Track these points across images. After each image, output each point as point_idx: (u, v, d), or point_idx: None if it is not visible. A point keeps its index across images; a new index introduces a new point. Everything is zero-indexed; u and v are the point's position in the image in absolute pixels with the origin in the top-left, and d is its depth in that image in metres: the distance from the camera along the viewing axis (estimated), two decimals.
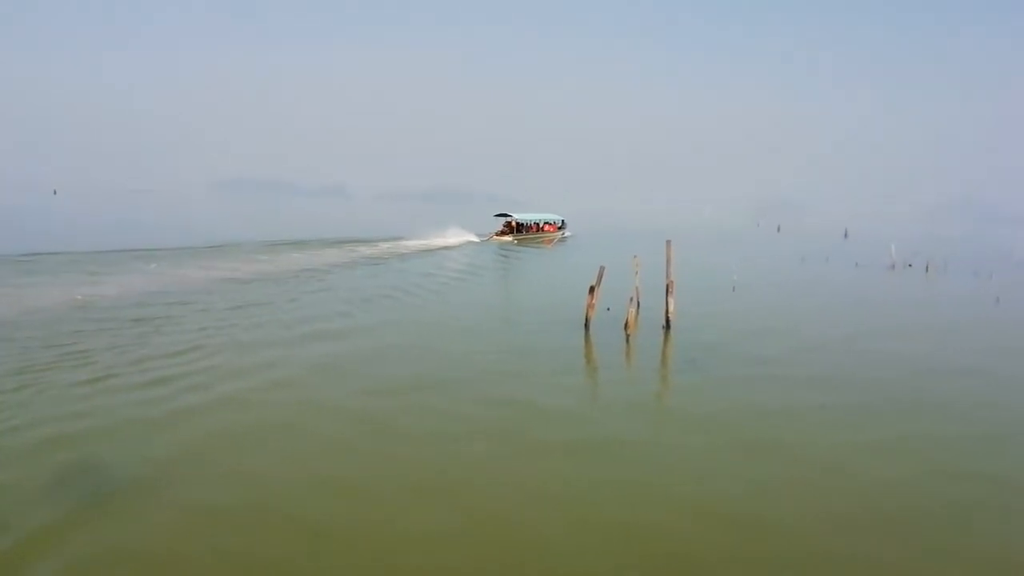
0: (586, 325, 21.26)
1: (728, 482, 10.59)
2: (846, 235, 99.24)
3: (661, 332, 21.28)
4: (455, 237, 56.76)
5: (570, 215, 78.84)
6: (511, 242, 58.78)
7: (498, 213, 66.48)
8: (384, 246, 48.20)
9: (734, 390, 15.46)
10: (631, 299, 21.35)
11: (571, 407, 14.22)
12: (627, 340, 20.17)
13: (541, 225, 66.01)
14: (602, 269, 21.69)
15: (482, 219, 70.81)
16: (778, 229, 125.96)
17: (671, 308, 21.78)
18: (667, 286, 21.87)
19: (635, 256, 22.65)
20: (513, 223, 62.65)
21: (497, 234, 60.93)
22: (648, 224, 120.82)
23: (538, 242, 60.36)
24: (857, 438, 12.62)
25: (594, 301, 21.52)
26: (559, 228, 67.86)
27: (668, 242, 22.53)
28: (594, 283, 21.62)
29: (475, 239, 57.89)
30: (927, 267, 46.18)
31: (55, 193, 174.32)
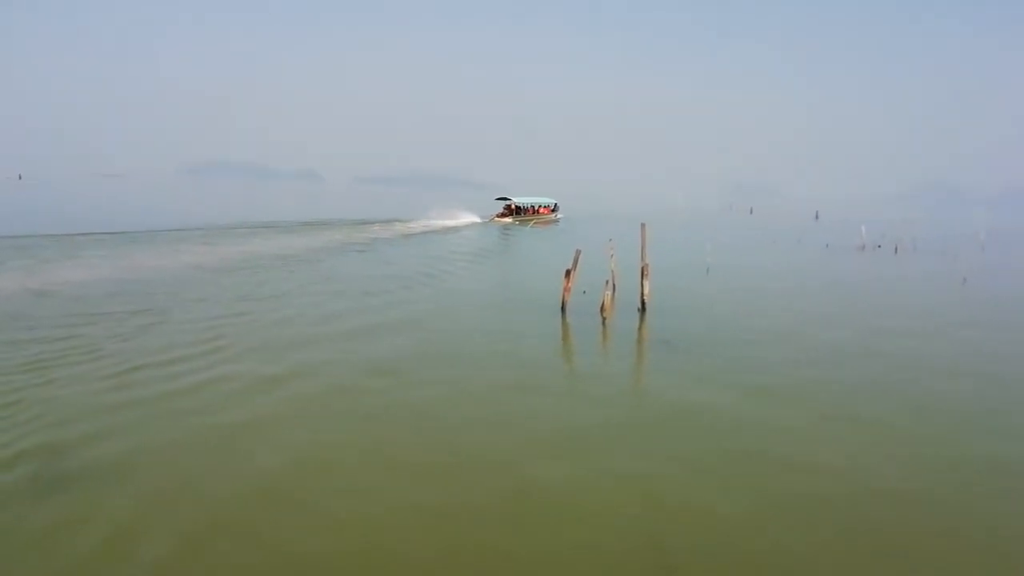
0: (563, 309, 21.30)
1: (701, 458, 10.75)
2: (817, 217, 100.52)
3: (637, 315, 21.41)
4: (461, 219, 61.35)
5: (547, 197, 79.34)
6: (511, 223, 63.26)
7: (499, 197, 70.36)
8: (397, 227, 51.86)
9: (707, 371, 15.61)
10: (607, 282, 21.41)
11: (547, 403, 14.26)
12: (603, 323, 20.25)
13: (537, 208, 70.37)
14: (578, 252, 21.68)
15: (465, 202, 73.49)
16: (751, 211, 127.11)
17: (646, 291, 21.90)
18: (642, 269, 21.97)
19: (609, 239, 22.73)
20: (513, 206, 67.15)
21: (498, 216, 65.54)
22: (625, 207, 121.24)
23: (535, 223, 64.86)
24: (825, 413, 12.89)
25: (570, 284, 21.55)
26: (552, 210, 72.13)
27: (643, 225, 22.60)
28: (570, 267, 21.64)
29: (479, 220, 62.53)
30: (896, 248, 47.04)
31: (20, 178, 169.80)
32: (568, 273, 21.57)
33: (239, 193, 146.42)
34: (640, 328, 20.15)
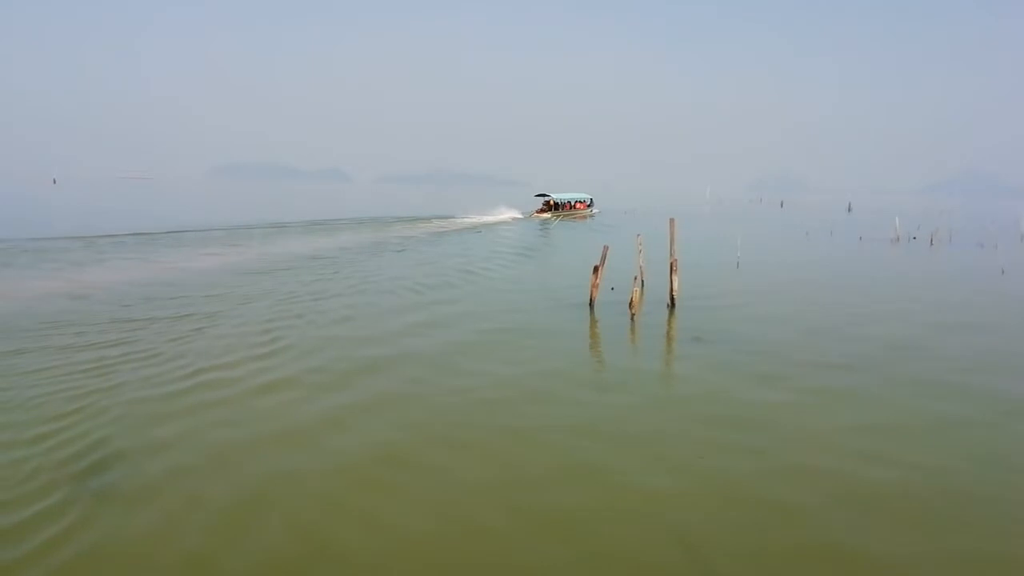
0: (591, 305, 21.13)
1: (727, 459, 10.54)
2: (849, 209, 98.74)
3: (666, 311, 21.14)
4: (504, 214, 66.24)
5: (582, 193, 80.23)
6: (550, 218, 66.44)
7: (538, 194, 74.00)
8: (440, 223, 56.42)
9: (738, 369, 15.32)
10: (635, 278, 21.20)
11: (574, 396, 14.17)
12: (632, 319, 20.01)
13: (574, 203, 73.38)
14: (605, 249, 21.52)
15: (491, 198, 77.27)
16: (781, 205, 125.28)
17: (675, 287, 21.63)
18: (671, 264, 21.70)
19: (638, 235, 22.54)
20: (552, 202, 70.63)
21: (538, 211, 69.03)
22: (654, 201, 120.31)
23: (572, 218, 68.54)
24: (855, 418, 12.54)
25: (598, 281, 21.38)
26: (588, 206, 74.67)
27: (671, 220, 22.34)
28: (598, 263, 21.46)
29: (520, 216, 66.55)
30: (931, 240, 45.92)
31: (55, 182, 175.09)
32: (596, 270, 21.39)
33: (267, 193, 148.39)
34: (669, 325, 19.89)
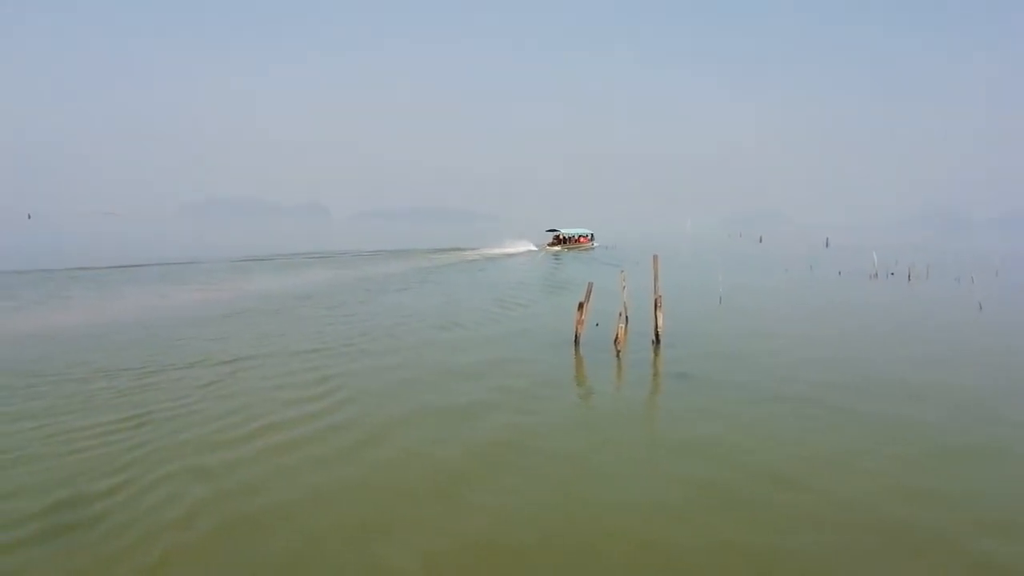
0: (576, 342, 20.95)
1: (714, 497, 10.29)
2: (827, 244, 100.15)
3: (651, 347, 21.01)
4: (519, 247, 74.71)
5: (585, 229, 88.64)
6: (560, 250, 76.06)
7: (549, 229, 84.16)
8: (465, 254, 64.25)
9: (724, 405, 15.17)
10: (620, 314, 21.09)
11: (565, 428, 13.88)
12: (617, 356, 19.83)
13: (577, 238, 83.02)
14: (590, 286, 21.43)
15: (471, 235, 77.76)
16: (760, 240, 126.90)
17: (660, 322, 21.54)
18: (655, 301, 21.64)
19: (621, 271, 22.50)
20: (561, 236, 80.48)
21: (549, 244, 79.04)
22: (635, 236, 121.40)
23: (577, 249, 78.38)
24: (845, 450, 12.40)
25: (583, 318, 21.24)
26: (590, 240, 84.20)
27: (655, 257, 22.34)
28: (583, 300, 21.35)
29: (534, 248, 75.84)
30: (909, 275, 46.54)
31: (29, 217, 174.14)
32: (581, 306, 21.27)
33: (250, 229, 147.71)
34: (655, 361, 19.73)
